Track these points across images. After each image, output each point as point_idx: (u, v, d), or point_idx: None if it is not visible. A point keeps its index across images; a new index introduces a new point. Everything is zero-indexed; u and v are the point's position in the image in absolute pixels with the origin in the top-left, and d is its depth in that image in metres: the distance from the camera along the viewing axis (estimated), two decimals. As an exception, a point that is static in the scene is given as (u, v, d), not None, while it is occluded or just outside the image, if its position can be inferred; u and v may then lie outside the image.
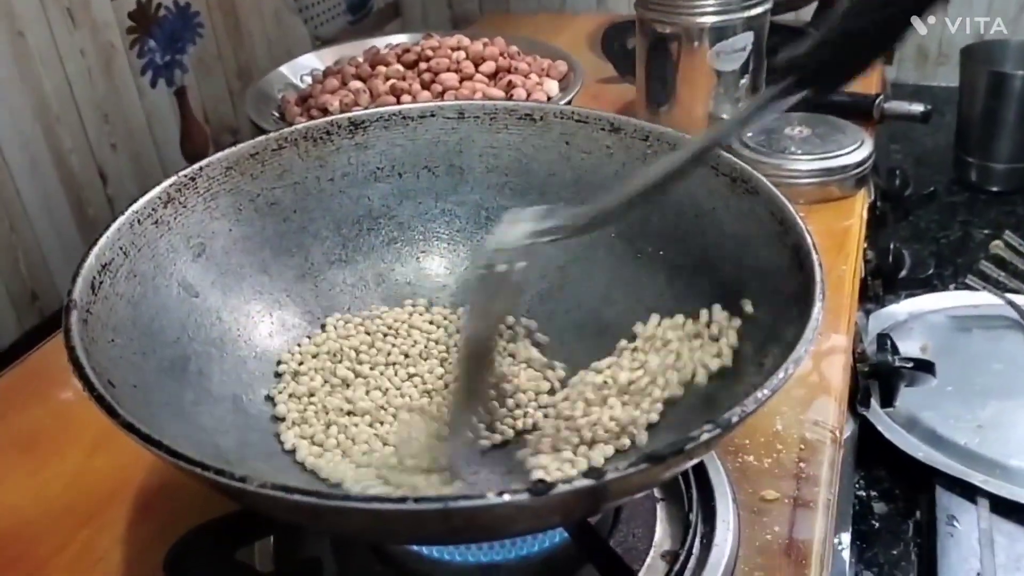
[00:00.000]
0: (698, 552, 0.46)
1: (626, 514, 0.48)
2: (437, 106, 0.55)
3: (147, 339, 0.42)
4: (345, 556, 0.46)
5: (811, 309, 0.37)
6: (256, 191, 0.51)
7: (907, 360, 0.64)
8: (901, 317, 0.78)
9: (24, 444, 0.57)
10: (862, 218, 0.75)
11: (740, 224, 0.46)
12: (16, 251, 0.79)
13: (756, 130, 0.76)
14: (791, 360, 0.34)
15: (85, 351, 0.36)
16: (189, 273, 0.46)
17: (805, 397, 0.56)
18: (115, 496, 0.52)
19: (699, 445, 0.31)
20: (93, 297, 0.40)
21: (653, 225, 0.51)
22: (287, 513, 0.32)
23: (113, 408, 0.33)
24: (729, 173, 0.47)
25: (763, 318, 0.42)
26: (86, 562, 0.48)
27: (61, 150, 0.82)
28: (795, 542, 0.47)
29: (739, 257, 0.46)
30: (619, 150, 0.52)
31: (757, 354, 0.40)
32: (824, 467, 0.51)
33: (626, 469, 0.30)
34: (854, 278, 0.68)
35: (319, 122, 0.53)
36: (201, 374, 0.44)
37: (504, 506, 0.29)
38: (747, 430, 0.53)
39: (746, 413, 0.32)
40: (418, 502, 0.29)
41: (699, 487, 0.49)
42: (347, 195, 0.54)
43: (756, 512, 0.49)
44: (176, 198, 0.47)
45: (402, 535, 0.35)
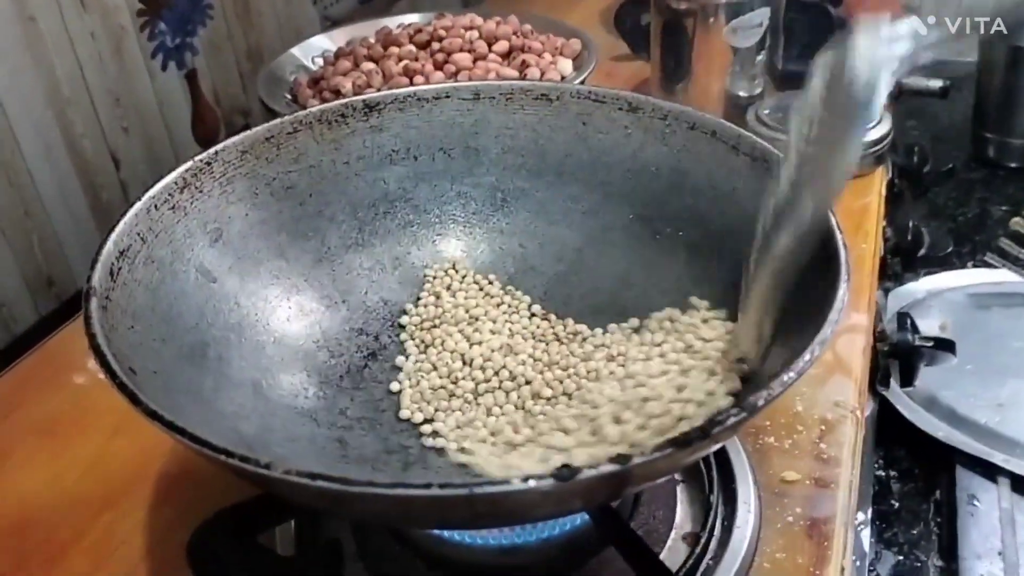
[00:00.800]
0: (719, 534, 0.46)
1: (647, 497, 0.48)
2: (452, 87, 0.54)
3: (166, 325, 0.42)
4: (366, 539, 0.46)
5: (836, 290, 0.37)
6: (272, 175, 0.50)
7: (927, 339, 0.63)
8: (920, 295, 0.77)
9: (43, 430, 0.57)
10: (881, 196, 0.74)
11: (760, 204, 0.46)
12: (31, 236, 0.79)
13: (773, 107, 0.75)
14: (817, 342, 0.34)
15: (106, 338, 0.36)
16: (206, 258, 0.46)
17: (825, 377, 0.56)
18: (135, 481, 0.52)
19: (725, 429, 0.31)
20: (112, 283, 0.40)
21: (672, 206, 0.51)
22: (311, 499, 0.32)
23: (136, 395, 0.32)
24: (750, 152, 0.47)
25: (787, 300, 0.41)
26: (107, 548, 0.48)
27: (74, 134, 0.82)
28: (816, 523, 0.47)
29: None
30: (637, 130, 0.52)
31: (782, 335, 0.40)
32: (845, 447, 0.51)
33: (652, 453, 0.30)
34: (874, 257, 0.67)
35: (333, 105, 0.52)
36: (220, 360, 0.44)
37: (529, 491, 0.29)
38: (767, 412, 0.53)
39: (772, 396, 0.32)
40: (443, 488, 0.29)
41: (720, 469, 0.49)
42: (363, 178, 0.53)
43: (777, 494, 0.48)
44: (192, 183, 0.47)
45: (426, 520, 0.35)
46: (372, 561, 0.46)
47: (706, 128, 0.49)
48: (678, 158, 0.50)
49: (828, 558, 0.45)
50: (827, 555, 0.45)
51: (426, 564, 0.45)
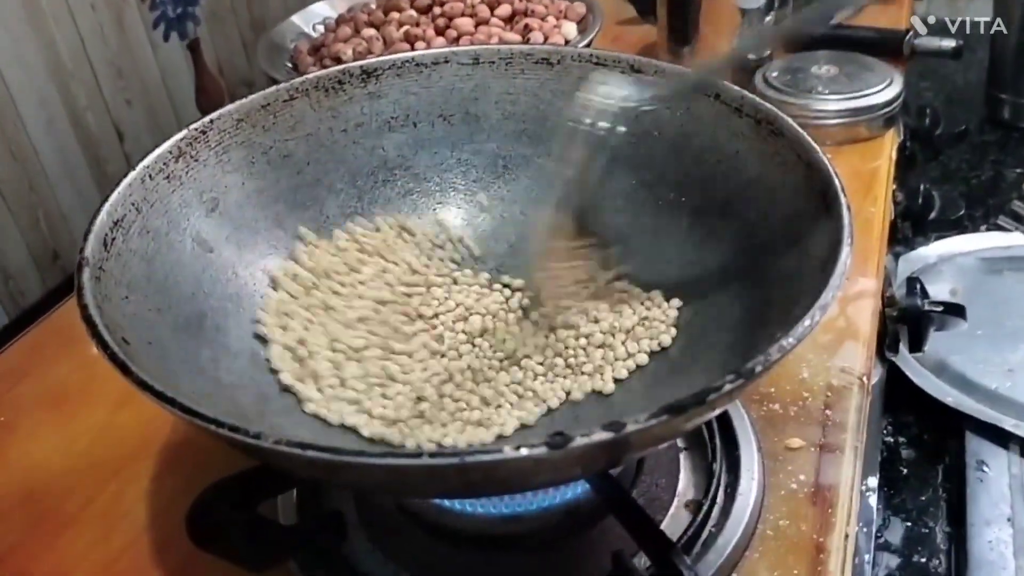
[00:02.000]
0: (722, 501, 0.45)
1: (649, 464, 0.48)
2: (451, 52, 0.53)
3: (162, 296, 0.42)
4: (367, 509, 0.46)
5: (839, 254, 0.36)
6: (269, 143, 0.50)
7: (937, 304, 0.62)
8: (931, 260, 0.76)
9: (51, 400, 0.57)
10: (891, 159, 0.73)
11: (764, 168, 0.45)
12: (37, 210, 0.79)
13: (781, 69, 0.74)
14: (817, 307, 0.33)
15: (98, 308, 0.35)
16: (203, 228, 0.46)
17: (832, 343, 0.55)
18: (141, 451, 0.52)
19: (722, 395, 0.31)
20: (106, 254, 0.39)
21: (674, 171, 0.50)
22: (302, 468, 0.32)
23: (126, 365, 0.32)
24: (753, 115, 0.46)
25: (789, 264, 0.41)
26: (113, 516, 0.49)
27: (77, 107, 0.82)
28: (821, 490, 0.46)
29: (763, 202, 0.45)
30: (638, 93, 0.50)
31: (783, 301, 0.39)
32: (851, 414, 0.50)
33: (646, 421, 0.29)
34: (883, 221, 0.66)
35: (331, 71, 0.52)
36: (218, 330, 0.44)
37: (522, 460, 0.29)
38: (772, 378, 0.52)
39: (770, 362, 0.31)
40: (434, 456, 0.29)
41: (723, 436, 0.48)
42: (361, 146, 0.53)
43: (781, 460, 0.48)
44: (187, 152, 0.46)
45: (419, 489, 0.35)
46: (374, 530, 0.46)
47: (708, 90, 0.48)
48: (680, 121, 0.49)
49: (832, 525, 0.44)
50: (831, 522, 0.45)
51: (428, 533, 0.45)
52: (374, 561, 0.44)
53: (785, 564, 0.43)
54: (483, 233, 0.54)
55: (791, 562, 0.43)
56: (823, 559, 0.43)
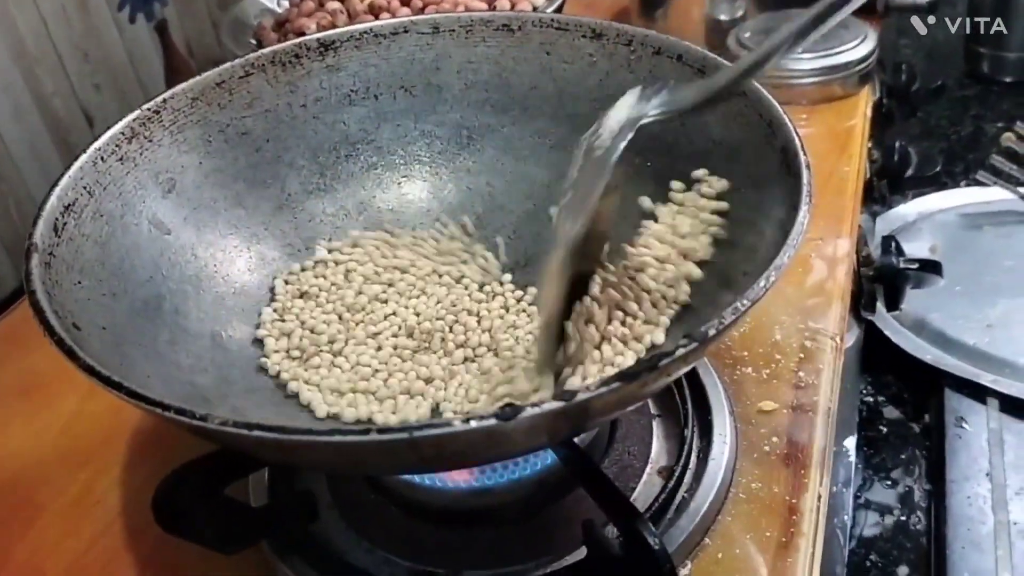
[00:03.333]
0: (695, 466, 0.45)
1: (622, 432, 0.48)
2: (410, 21, 0.52)
3: (117, 280, 0.41)
4: (339, 488, 0.46)
5: (796, 214, 0.35)
6: (225, 121, 0.49)
7: (912, 261, 0.62)
8: (910, 218, 0.75)
9: (22, 390, 0.57)
10: (866, 116, 0.72)
11: (729, 129, 0.44)
12: (7, 199, 0.78)
13: (753, 30, 0.73)
14: (772, 268, 0.33)
15: (47, 294, 0.35)
16: (159, 210, 0.45)
17: (805, 304, 0.55)
18: (111, 439, 0.52)
19: (675, 360, 0.30)
20: (56, 239, 0.39)
21: (638, 136, 0.49)
22: (253, 449, 0.31)
23: (73, 351, 0.32)
24: (714, 75, 0.45)
25: (752, 226, 0.40)
26: (84, 505, 0.48)
27: (43, 93, 0.80)
28: (794, 451, 0.46)
29: (728, 164, 0.44)
30: (602, 58, 0.50)
31: (748, 264, 0.39)
32: (824, 375, 0.50)
33: (597, 389, 0.29)
34: (857, 179, 0.65)
35: (286, 45, 0.51)
36: (177, 312, 0.43)
37: (472, 432, 0.28)
38: (744, 341, 0.52)
39: (724, 325, 0.31)
40: (382, 432, 0.28)
41: (695, 402, 0.48)
42: (321, 121, 0.52)
43: (754, 424, 0.48)
44: (141, 133, 0.45)
45: (374, 466, 0.34)
46: (346, 509, 0.45)
47: (672, 52, 0.47)
48: (643, 84, 0.48)
49: (805, 486, 0.44)
50: (803, 483, 0.44)
51: (400, 510, 0.45)
52: (347, 540, 0.44)
53: (758, 526, 0.43)
54: (449, 206, 0.53)
55: (764, 524, 0.43)
56: (796, 520, 0.43)
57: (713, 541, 0.42)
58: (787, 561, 0.41)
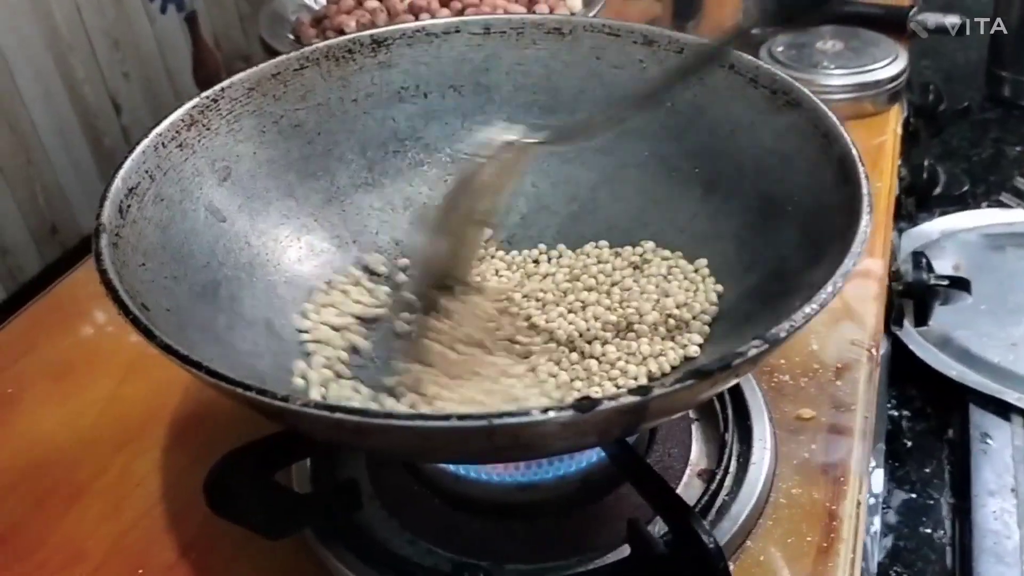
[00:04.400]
0: (735, 470, 0.46)
1: (662, 434, 0.48)
2: (462, 21, 0.53)
3: (177, 264, 0.41)
4: (381, 477, 0.47)
5: (858, 221, 0.36)
6: (279, 112, 0.49)
7: (942, 278, 0.63)
8: (934, 236, 0.76)
9: (55, 374, 0.57)
10: (896, 134, 0.73)
11: (779, 138, 0.45)
12: (34, 184, 0.78)
13: (786, 44, 0.74)
14: (839, 274, 0.33)
15: (117, 274, 0.35)
16: (215, 197, 0.46)
17: (840, 317, 0.55)
18: (149, 423, 0.52)
19: (746, 361, 0.31)
20: (121, 221, 0.39)
21: (687, 142, 0.50)
22: (328, 431, 0.32)
23: (150, 330, 0.32)
24: (769, 85, 0.46)
25: (806, 234, 0.41)
26: (125, 486, 0.49)
27: (74, 80, 0.81)
28: (833, 459, 0.47)
29: (778, 172, 0.45)
30: (652, 64, 0.50)
31: (800, 271, 0.39)
32: (861, 384, 0.51)
33: (672, 385, 0.29)
34: (889, 195, 0.66)
35: (340, 40, 0.51)
36: (233, 299, 0.43)
37: (548, 422, 0.29)
38: (783, 350, 0.53)
39: (795, 328, 0.32)
40: (462, 419, 0.29)
41: (735, 407, 0.49)
42: (371, 116, 0.52)
43: (792, 431, 0.48)
44: (199, 120, 0.46)
45: (444, 453, 0.35)
46: (389, 499, 0.46)
47: (723, 61, 0.48)
48: (695, 92, 0.49)
49: (844, 493, 0.45)
50: (843, 490, 0.45)
51: (443, 501, 0.45)
52: (389, 530, 0.44)
53: (799, 531, 0.43)
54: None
55: (804, 529, 0.43)
56: (836, 526, 0.43)
57: (755, 544, 0.43)
58: (828, 565, 0.42)
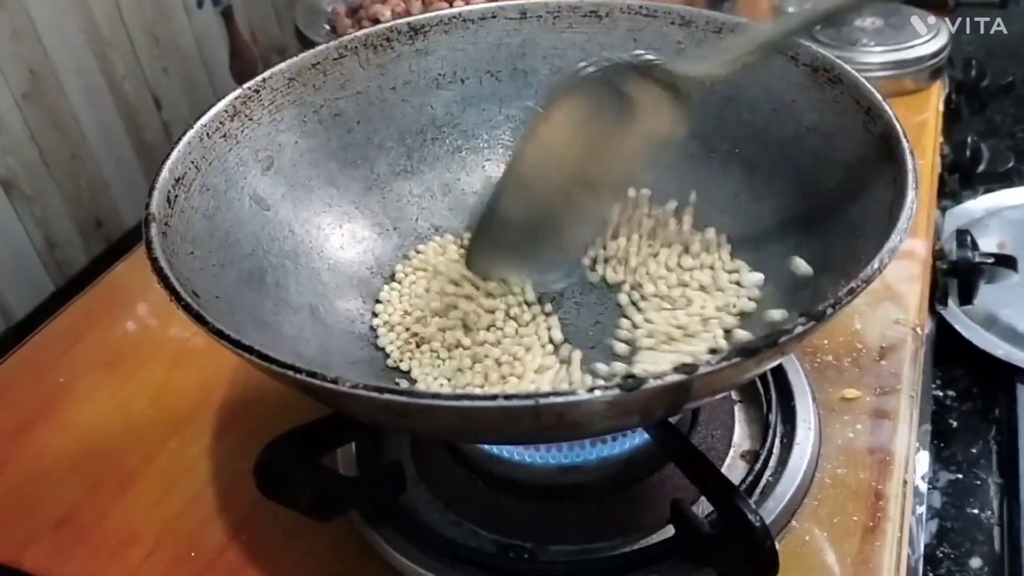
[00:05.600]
0: (779, 451, 0.46)
1: (704, 416, 0.48)
2: (498, 7, 0.53)
3: (224, 252, 0.42)
4: (425, 459, 0.47)
5: (904, 197, 0.36)
6: (319, 102, 0.50)
7: (987, 256, 0.62)
8: (978, 214, 0.75)
9: (105, 363, 0.58)
10: (938, 111, 0.72)
11: (821, 116, 0.45)
12: (79, 179, 0.80)
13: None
14: (885, 250, 0.33)
15: (168, 262, 0.36)
16: (259, 186, 0.46)
17: (885, 295, 0.55)
18: (197, 410, 0.53)
19: (792, 338, 0.31)
20: (170, 210, 0.40)
21: (727, 122, 0.49)
22: (376, 413, 0.32)
23: (202, 316, 0.33)
24: (810, 63, 0.45)
25: (850, 212, 0.41)
26: (175, 471, 0.50)
27: (115, 76, 0.82)
28: (878, 439, 0.46)
29: (820, 150, 0.45)
30: (690, 45, 0.50)
31: (845, 248, 0.39)
32: (905, 363, 0.50)
33: (718, 363, 0.29)
34: (931, 173, 0.65)
35: (378, 28, 0.52)
36: (278, 285, 0.44)
37: (595, 402, 0.29)
38: (827, 330, 0.52)
39: (840, 304, 0.31)
40: (508, 399, 0.29)
41: (778, 388, 0.48)
42: (410, 104, 0.53)
43: (837, 411, 0.48)
44: (242, 111, 0.47)
45: (491, 433, 0.35)
46: (433, 482, 0.46)
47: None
48: (733, 71, 0.48)
49: (890, 472, 0.44)
50: (889, 469, 0.45)
51: (486, 484, 0.46)
52: (434, 512, 0.45)
53: (844, 511, 0.43)
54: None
55: (850, 509, 0.43)
56: (882, 506, 0.43)
57: (800, 524, 0.43)
58: (875, 545, 0.41)
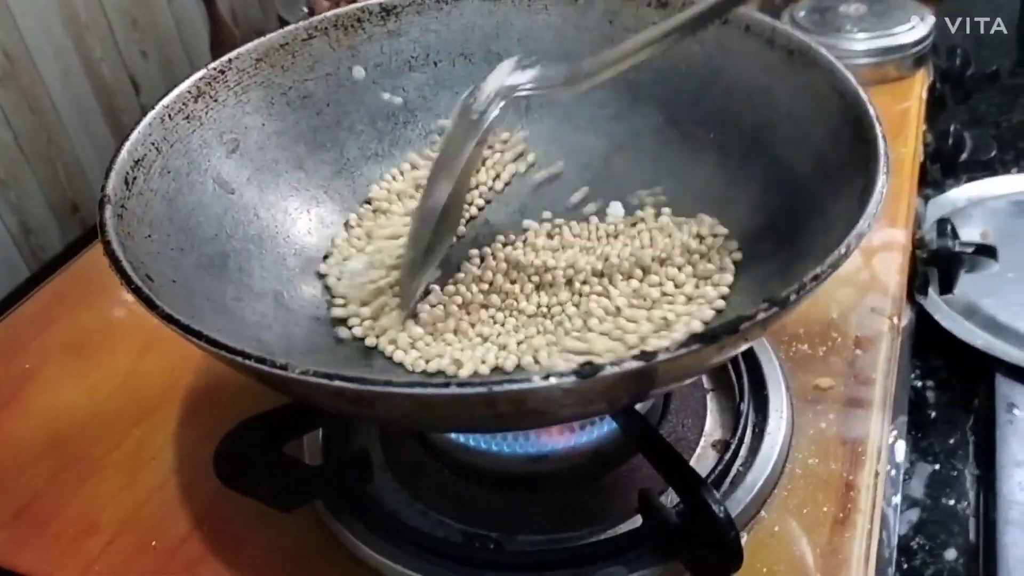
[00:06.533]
0: (750, 441, 0.45)
1: (675, 405, 0.47)
2: (472, -13, 0.52)
3: (184, 235, 0.41)
4: (392, 448, 0.46)
5: (874, 182, 0.35)
6: (288, 84, 0.49)
7: (968, 245, 0.61)
8: (960, 203, 0.74)
9: (74, 348, 0.58)
10: (921, 99, 0.71)
11: (797, 100, 0.44)
12: (55, 163, 0.79)
13: (809, 8, 0.72)
14: (853, 235, 0.32)
15: (121, 245, 0.35)
16: (224, 169, 0.45)
17: (862, 284, 0.54)
18: (165, 397, 0.53)
19: (755, 324, 0.30)
20: (127, 192, 0.39)
21: (703, 107, 0.49)
22: (330, 400, 0.31)
23: (151, 299, 0.32)
24: (785, 45, 0.44)
25: (823, 197, 0.40)
26: (139, 460, 0.49)
27: (92, 59, 0.81)
28: (851, 429, 0.46)
29: (795, 136, 0.44)
30: (663, 27, 0.49)
31: (818, 234, 0.38)
32: (881, 355, 0.50)
33: (677, 350, 0.29)
34: (913, 161, 0.65)
35: (349, 9, 0.51)
36: (241, 271, 0.43)
37: (550, 389, 0.28)
38: (801, 318, 0.52)
39: (804, 291, 0.31)
40: (461, 386, 0.28)
41: (751, 377, 0.48)
42: (381, 86, 0.52)
43: (810, 400, 0.47)
44: (206, 92, 0.46)
45: (447, 421, 0.34)
46: (400, 471, 0.46)
47: (739, 22, 0.47)
48: (710, 55, 0.48)
49: (863, 463, 0.44)
50: (861, 460, 0.44)
51: (453, 472, 0.45)
52: (400, 501, 0.44)
53: (815, 501, 0.42)
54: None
55: (820, 500, 0.43)
56: (853, 496, 0.42)
57: (769, 514, 0.42)
58: (844, 536, 0.41)
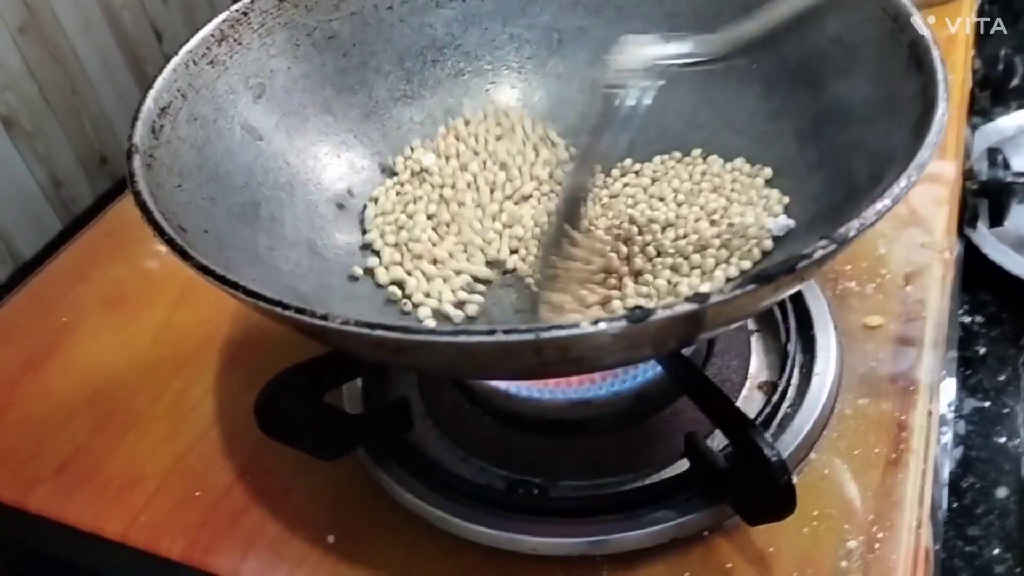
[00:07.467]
0: (798, 382, 0.44)
1: (719, 347, 0.46)
2: (500, -83, 0.50)
3: (215, 184, 0.40)
4: (432, 396, 0.46)
5: (934, 110, 0.33)
6: (312, 24, 0.47)
7: (1020, 175, 0.59)
8: (1009, 132, 0.71)
9: (110, 301, 0.57)
10: (969, 23, 0.68)
11: (845, 26, 0.42)
12: (81, 115, 0.78)
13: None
14: (914, 166, 0.31)
15: (152, 195, 0.34)
16: (251, 115, 0.44)
17: (911, 218, 0.52)
18: (202, 348, 0.52)
19: (812, 263, 0.28)
20: (155, 141, 0.38)
21: (743, 36, 0.46)
22: (370, 349, 0.31)
23: (185, 251, 0.31)
24: (832, -33, 0.42)
25: (875, 128, 0.38)
26: (180, 411, 0.49)
27: (112, 7, 0.79)
28: (901, 367, 0.44)
29: (844, 64, 0.42)
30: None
31: (870, 168, 0.37)
32: (931, 290, 0.48)
33: (732, 291, 0.28)
34: (962, 88, 0.62)
35: (373, -57, 0.49)
36: (273, 219, 0.42)
37: (599, 335, 0.27)
38: (848, 255, 0.50)
39: (865, 225, 0.29)
40: (507, 333, 0.27)
41: (797, 317, 0.46)
42: (408, 24, 0.50)
43: (859, 339, 0.46)
44: (230, 35, 0.44)
45: (491, 369, 0.34)
46: (440, 418, 0.45)
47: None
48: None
49: (914, 403, 0.43)
50: (913, 399, 0.43)
51: (495, 419, 0.45)
52: (442, 448, 0.44)
53: (866, 442, 0.41)
54: (540, 114, 0.51)
55: (872, 440, 0.41)
56: (905, 437, 0.41)
57: (819, 456, 0.41)
58: (897, 478, 0.40)
